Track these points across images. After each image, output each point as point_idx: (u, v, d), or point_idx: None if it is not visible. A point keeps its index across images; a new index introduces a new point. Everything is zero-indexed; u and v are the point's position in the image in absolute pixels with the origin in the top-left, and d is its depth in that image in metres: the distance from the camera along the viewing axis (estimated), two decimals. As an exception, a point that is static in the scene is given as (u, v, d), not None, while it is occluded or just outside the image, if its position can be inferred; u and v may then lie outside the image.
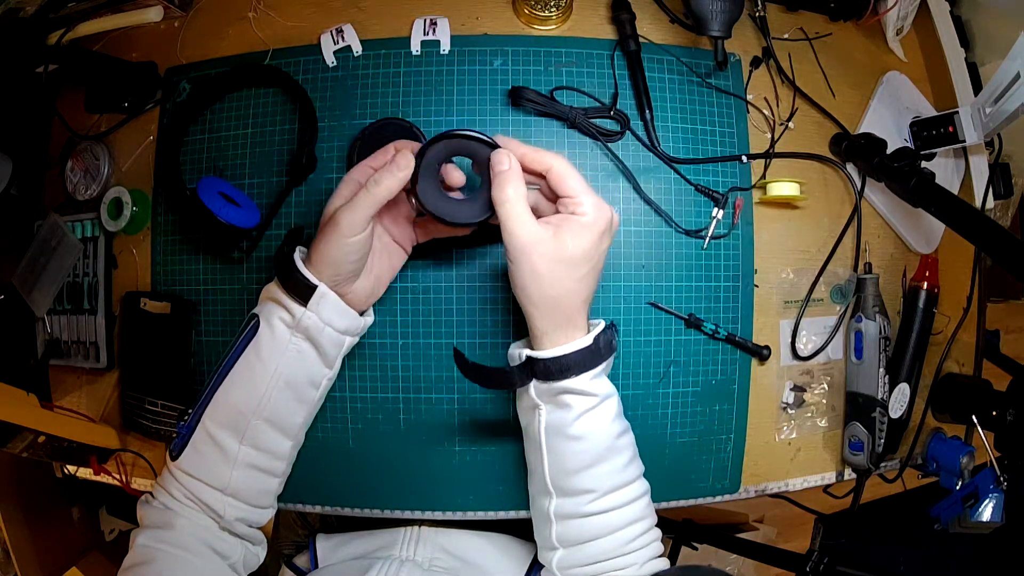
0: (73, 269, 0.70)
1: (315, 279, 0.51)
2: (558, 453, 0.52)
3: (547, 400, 0.52)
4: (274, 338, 0.53)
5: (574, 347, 0.50)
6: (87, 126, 0.71)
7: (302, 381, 0.55)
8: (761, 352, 0.65)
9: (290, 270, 0.52)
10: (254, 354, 0.53)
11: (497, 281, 0.63)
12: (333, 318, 0.53)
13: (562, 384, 0.50)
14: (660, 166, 0.64)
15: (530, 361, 0.51)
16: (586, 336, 0.50)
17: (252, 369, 0.53)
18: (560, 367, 0.50)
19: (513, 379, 0.52)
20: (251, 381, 0.53)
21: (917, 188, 0.60)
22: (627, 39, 0.64)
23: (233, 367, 0.53)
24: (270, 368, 0.53)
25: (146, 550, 0.51)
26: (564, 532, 0.53)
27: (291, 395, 0.54)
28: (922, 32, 0.73)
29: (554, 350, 0.50)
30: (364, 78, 0.65)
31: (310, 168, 0.64)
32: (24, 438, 0.62)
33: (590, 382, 0.50)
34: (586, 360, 0.50)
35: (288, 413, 0.55)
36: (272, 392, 0.53)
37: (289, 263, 0.52)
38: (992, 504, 0.64)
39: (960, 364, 0.74)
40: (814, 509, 0.89)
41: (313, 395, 0.56)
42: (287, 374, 0.53)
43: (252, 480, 0.55)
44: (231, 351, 0.54)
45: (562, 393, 0.51)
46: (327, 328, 0.53)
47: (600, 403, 0.51)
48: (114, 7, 0.69)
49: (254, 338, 0.53)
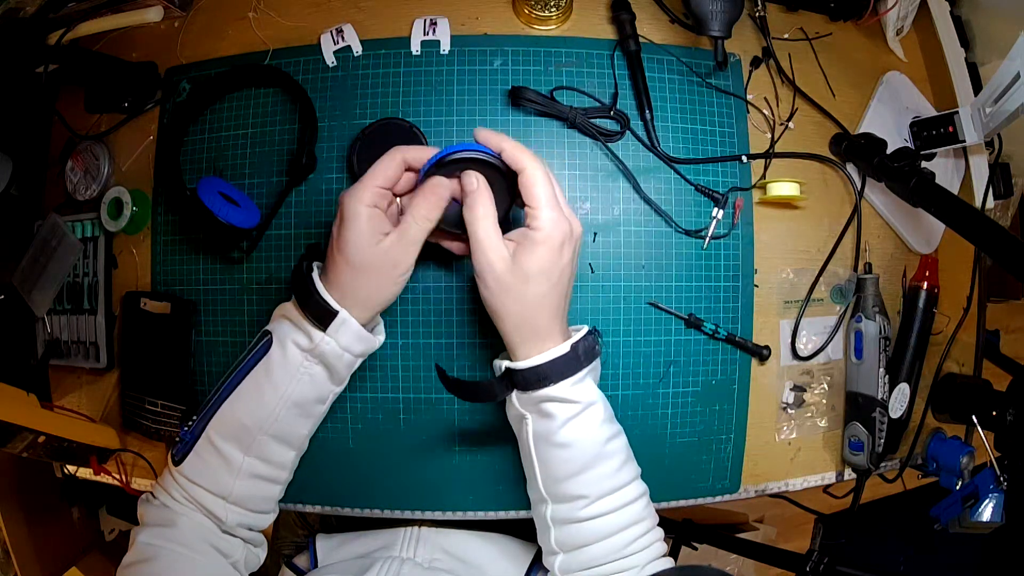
0: (73, 269, 0.70)
1: (336, 304, 0.50)
2: (547, 461, 0.52)
3: (531, 409, 0.52)
4: (286, 361, 0.52)
5: (551, 355, 0.50)
6: (87, 126, 0.71)
7: (311, 400, 0.54)
8: (761, 352, 0.65)
9: (309, 292, 0.51)
10: (264, 373, 0.52)
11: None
12: (352, 344, 0.52)
13: (542, 393, 0.50)
14: (660, 166, 0.64)
15: (509, 372, 0.51)
16: (563, 344, 0.50)
17: (261, 388, 0.52)
18: (538, 376, 0.50)
19: (494, 391, 0.53)
20: (259, 400, 0.52)
21: (917, 188, 0.60)
22: (627, 39, 0.64)
23: (241, 383, 0.53)
24: (280, 390, 0.52)
25: (148, 547, 0.51)
26: (562, 537, 0.53)
27: (298, 413, 0.54)
28: (922, 32, 0.73)
29: (530, 360, 0.50)
30: (364, 78, 0.65)
31: (310, 168, 0.64)
32: (24, 438, 0.62)
33: (571, 389, 0.50)
34: (565, 367, 0.50)
35: (294, 428, 0.55)
36: (280, 412, 0.53)
37: (308, 284, 0.51)
38: (992, 504, 0.64)
39: (960, 364, 0.74)
40: (814, 509, 0.89)
41: (320, 410, 0.56)
42: (297, 395, 0.53)
43: (255, 488, 0.55)
44: (240, 365, 0.53)
45: (544, 402, 0.51)
46: (345, 354, 0.52)
47: (583, 410, 0.51)
48: (114, 7, 0.69)
49: (265, 356, 0.53)
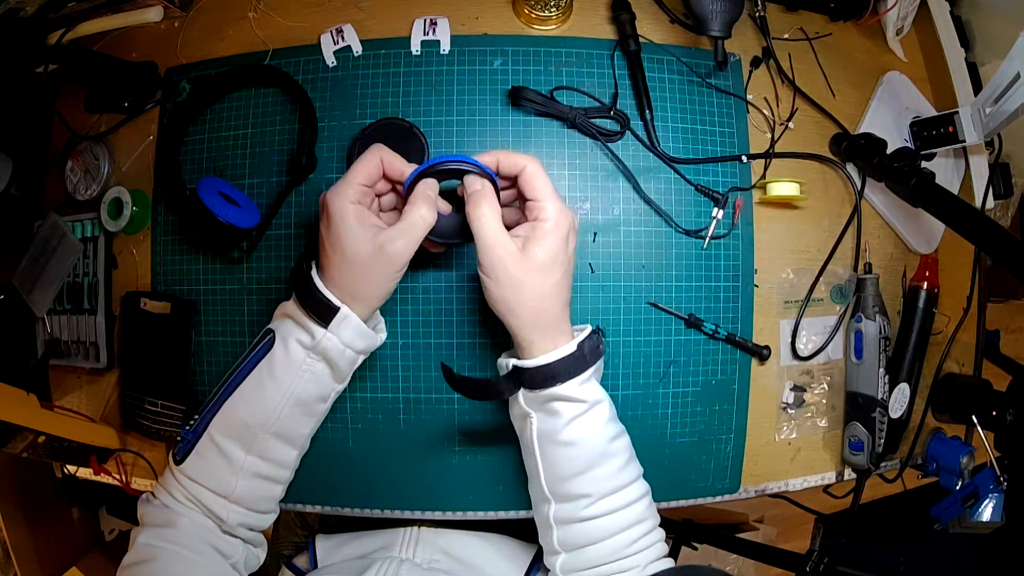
0: (73, 269, 0.70)
1: (337, 300, 0.51)
2: (551, 459, 0.53)
3: (537, 408, 0.52)
4: (288, 359, 0.52)
5: (559, 354, 0.50)
6: (87, 126, 0.71)
7: (313, 398, 0.54)
8: (761, 352, 0.65)
9: (309, 289, 0.51)
10: (267, 372, 0.53)
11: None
12: (354, 340, 0.52)
13: (549, 391, 0.51)
14: (660, 166, 0.64)
15: (517, 370, 0.51)
16: (571, 343, 0.51)
17: (263, 386, 0.53)
18: (546, 375, 0.50)
19: (501, 389, 0.53)
20: (261, 398, 0.53)
21: (917, 188, 0.60)
22: (627, 39, 0.64)
23: (244, 381, 0.53)
24: (282, 388, 0.52)
25: (148, 548, 0.51)
26: (564, 537, 0.53)
27: (301, 411, 0.54)
28: (922, 32, 0.73)
29: (540, 358, 0.50)
30: (364, 78, 0.65)
31: (310, 168, 0.64)
32: (24, 438, 0.62)
33: (578, 388, 0.51)
34: (572, 367, 0.50)
35: (297, 426, 0.55)
36: (282, 410, 0.53)
37: (308, 281, 0.52)
38: (992, 504, 0.64)
39: (960, 364, 0.74)
40: (814, 509, 0.89)
41: (322, 408, 0.56)
42: (299, 393, 0.53)
43: (257, 488, 0.55)
44: (243, 364, 0.54)
45: (550, 400, 0.51)
46: (347, 350, 0.53)
47: (589, 409, 0.51)
48: (114, 7, 0.69)
49: (267, 355, 0.53)
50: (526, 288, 0.50)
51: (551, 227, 0.50)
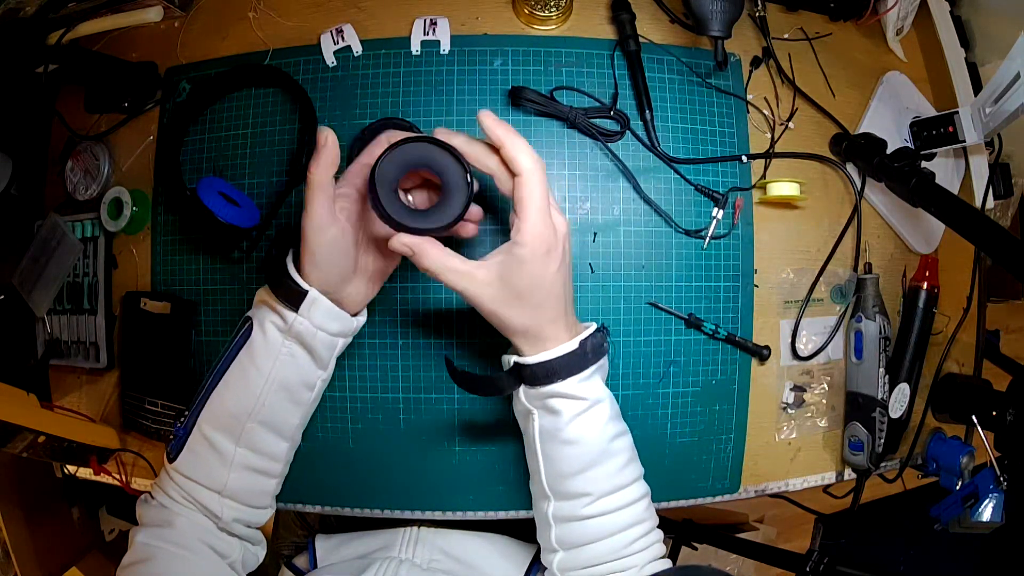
0: (73, 269, 0.70)
1: (305, 284, 0.51)
2: (553, 457, 0.53)
3: (538, 405, 0.52)
4: (267, 342, 0.53)
5: (559, 352, 0.50)
6: (87, 126, 0.71)
7: (296, 384, 0.54)
8: (761, 352, 0.65)
9: (280, 275, 0.52)
10: (248, 358, 0.53)
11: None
12: (325, 322, 0.53)
13: (550, 388, 0.50)
14: (660, 166, 0.64)
15: (518, 366, 0.51)
16: (571, 340, 0.51)
17: (246, 373, 0.53)
18: (546, 371, 0.50)
19: (502, 385, 0.53)
20: (245, 384, 0.53)
21: (917, 188, 0.59)
22: (627, 39, 0.64)
23: (227, 370, 0.53)
24: (264, 372, 0.53)
25: (146, 548, 0.51)
26: (563, 535, 0.53)
27: (286, 397, 0.54)
28: (922, 32, 0.73)
29: (540, 355, 0.50)
30: (364, 78, 0.65)
31: (310, 168, 0.64)
32: (24, 438, 0.62)
33: (578, 386, 0.51)
34: (572, 364, 0.50)
35: (283, 415, 0.55)
36: (267, 395, 0.53)
37: (280, 268, 0.52)
38: (992, 504, 0.64)
39: (960, 364, 0.74)
40: (814, 509, 0.89)
41: (308, 396, 0.56)
42: (281, 377, 0.53)
43: (249, 482, 0.55)
44: (225, 354, 0.54)
45: (551, 397, 0.51)
46: (320, 332, 0.53)
47: (591, 407, 0.51)
48: (114, 7, 0.69)
49: (247, 341, 0.53)
50: (510, 310, 0.49)
51: (526, 254, 0.48)
